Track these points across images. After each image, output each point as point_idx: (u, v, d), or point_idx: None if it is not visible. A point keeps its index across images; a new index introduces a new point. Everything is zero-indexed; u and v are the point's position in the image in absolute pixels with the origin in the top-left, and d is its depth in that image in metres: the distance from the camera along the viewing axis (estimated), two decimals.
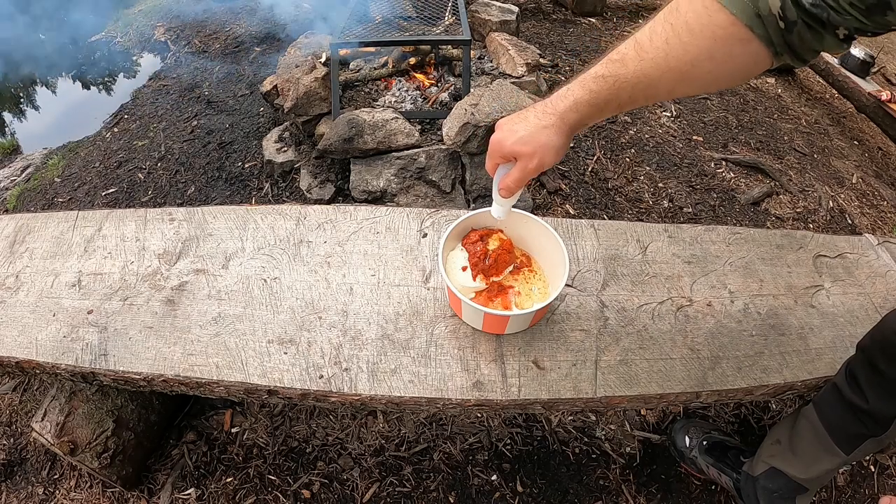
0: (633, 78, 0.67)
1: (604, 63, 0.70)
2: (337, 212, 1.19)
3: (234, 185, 2.21)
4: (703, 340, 1.00)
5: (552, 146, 0.74)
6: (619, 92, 0.68)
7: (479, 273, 0.94)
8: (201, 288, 1.06)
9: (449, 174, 1.92)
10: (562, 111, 0.72)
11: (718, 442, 1.25)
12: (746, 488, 1.10)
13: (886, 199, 2.31)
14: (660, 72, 0.65)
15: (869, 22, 0.58)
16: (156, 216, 1.20)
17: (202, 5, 3.91)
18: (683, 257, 1.13)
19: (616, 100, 0.69)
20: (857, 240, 1.23)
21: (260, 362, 0.94)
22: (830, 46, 0.62)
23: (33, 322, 1.03)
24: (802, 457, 1.01)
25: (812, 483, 1.02)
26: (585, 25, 3.54)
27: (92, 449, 1.13)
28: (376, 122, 1.88)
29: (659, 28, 0.65)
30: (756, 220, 2.07)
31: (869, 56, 2.81)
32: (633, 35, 0.68)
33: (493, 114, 1.82)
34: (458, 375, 0.93)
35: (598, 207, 2.04)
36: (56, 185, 2.41)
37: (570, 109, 0.72)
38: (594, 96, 0.70)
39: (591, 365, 0.95)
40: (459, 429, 1.38)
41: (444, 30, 2.35)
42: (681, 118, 2.59)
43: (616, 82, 0.68)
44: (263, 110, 2.62)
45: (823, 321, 1.06)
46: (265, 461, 1.32)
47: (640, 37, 0.67)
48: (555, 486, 1.29)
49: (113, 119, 2.91)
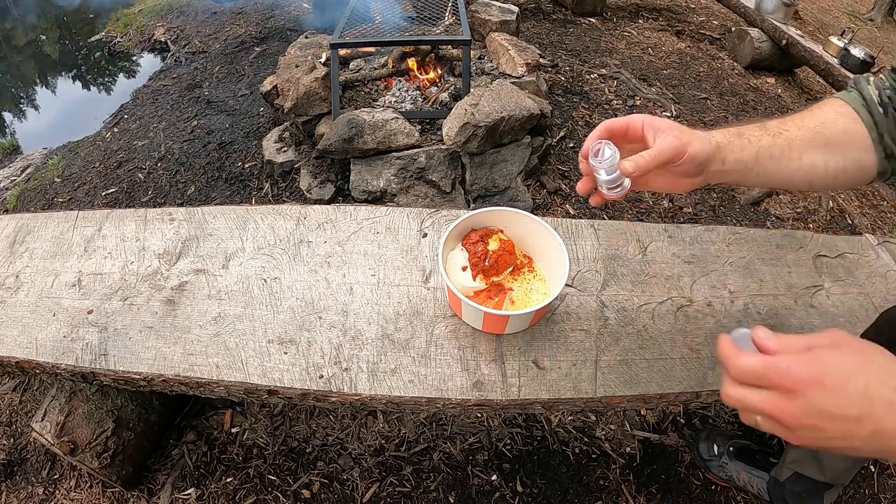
0: (774, 128, 0.73)
1: (747, 125, 0.75)
2: (337, 212, 1.19)
3: (234, 185, 2.21)
4: (703, 340, 1.00)
5: (700, 147, 0.67)
6: (761, 136, 0.72)
7: (478, 273, 0.94)
8: (201, 288, 1.06)
9: (449, 174, 1.92)
10: (713, 135, 0.71)
11: (745, 446, 1.26)
12: (776, 493, 1.14)
13: (886, 199, 2.31)
14: (796, 127, 0.73)
15: None
16: (156, 216, 1.20)
17: (202, 5, 3.91)
18: (683, 257, 1.13)
19: (757, 142, 0.71)
20: (857, 240, 1.23)
21: (260, 362, 0.94)
22: None
23: (33, 322, 1.03)
24: (821, 458, 1.04)
25: (835, 480, 1.06)
26: (585, 25, 3.54)
27: (92, 449, 1.13)
28: (376, 122, 1.88)
29: (797, 112, 0.77)
30: (756, 220, 2.07)
31: (869, 56, 2.81)
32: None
33: (493, 114, 1.82)
34: (458, 375, 0.93)
35: (597, 207, 2.04)
36: (56, 185, 2.41)
37: (719, 135, 0.71)
38: (739, 132, 0.72)
39: (591, 365, 0.95)
40: (459, 429, 1.38)
41: (444, 30, 2.35)
42: (681, 118, 2.59)
43: (761, 127, 0.73)
44: (263, 110, 2.62)
45: (823, 321, 1.06)
46: (265, 461, 1.32)
47: (783, 117, 0.76)
48: (555, 486, 1.29)
49: (113, 119, 2.91)
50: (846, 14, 4.80)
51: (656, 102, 2.66)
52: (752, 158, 0.70)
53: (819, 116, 0.75)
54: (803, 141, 0.72)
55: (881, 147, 0.73)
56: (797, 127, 0.74)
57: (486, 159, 1.94)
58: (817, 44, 3.03)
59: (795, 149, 0.72)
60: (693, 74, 3.05)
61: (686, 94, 2.81)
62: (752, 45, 3.15)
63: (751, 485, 1.20)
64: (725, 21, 3.85)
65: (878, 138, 0.73)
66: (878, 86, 0.75)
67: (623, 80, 2.81)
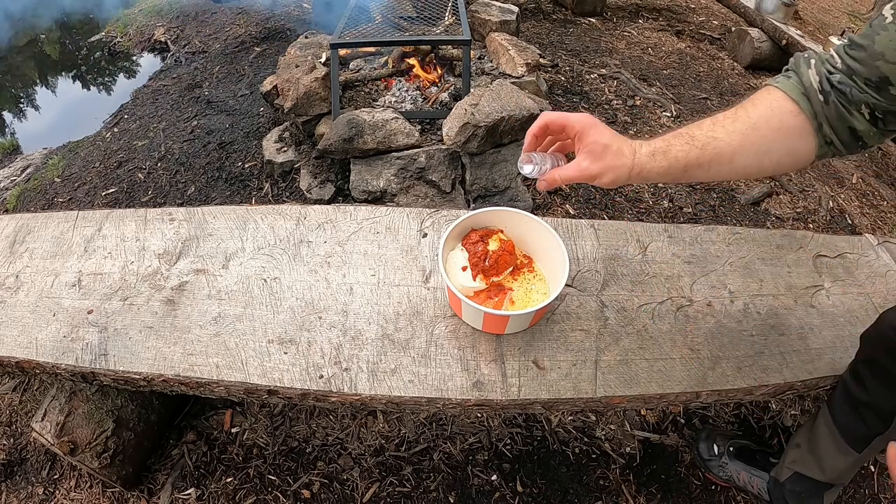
0: (703, 138, 0.74)
1: (685, 126, 0.78)
2: (337, 212, 1.19)
3: (234, 185, 2.21)
4: (703, 340, 1.00)
5: (614, 177, 0.76)
6: (689, 150, 0.74)
7: (478, 273, 0.94)
8: (201, 288, 1.06)
9: (449, 174, 1.92)
10: (640, 154, 0.76)
11: (745, 446, 1.26)
12: (776, 493, 1.13)
13: (886, 199, 2.31)
14: (727, 133, 0.74)
15: (882, 99, 0.67)
16: (156, 216, 1.20)
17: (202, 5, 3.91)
18: (683, 257, 1.13)
19: (685, 157, 0.74)
20: (857, 240, 1.23)
21: (260, 362, 0.94)
22: (863, 124, 0.70)
23: (33, 322, 1.03)
24: (822, 459, 1.04)
25: (836, 480, 1.06)
26: (585, 25, 3.54)
27: (92, 449, 1.13)
28: (376, 122, 1.88)
29: (733, 108, 0.77)
30: (756, 220, 2.07)
31: None
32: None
33: (493, 114, 1.82)
34: (458, 375, 0.93)
35: (597, 207, 2.04)
36: (56, 185, 2.41)
37: (646, 155, 0.75)
38: (668, 147, 0.75)
39: (591, 365, 0.95)
40: (459, 429, 1.38)
41: (444, 30, 2.35)
42: (681, 118, 2.59)
43: (690, 140, 0.75)
44: (263, 110, 2.62)
45: (823, 321, 1.06)
46: (265, 461, 1.32)
47: (717, 114, 0.77)
48: (555, 486, 1.29)
49: (113, 119, 2.91)
50: (846, 14, 4.80)
51: (656, 102, 2.66)
52: (679, 170, 0.75)
53: (753, 115, 0.74)
54: (733, 147, 0.74)
55: (820, 135, 0.73)
56: (727, 133, 0.74)
57: (486, 159, 1.94)
58: (817, 44, 3.03)
59: (725, 156, 0.74)
60: (693, 74, 3.05)
61: (686, 94, 2.81)
62: (752, 45, 3.15)
63: (751, 485, 1.20)
64: (725, 21, 3.85)
65: (817, 127, 0.72)
66: (820, 70, 0.72)
67: (623, 80, 2.81)
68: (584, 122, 0.76)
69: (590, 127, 0.76)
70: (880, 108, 0.68)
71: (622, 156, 0.75)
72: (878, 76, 0.66)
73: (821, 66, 0.72)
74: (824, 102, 0.71)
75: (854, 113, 0.70)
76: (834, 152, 0.74)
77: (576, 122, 0.77)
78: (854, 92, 0.68)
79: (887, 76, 0.65)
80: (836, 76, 0.70)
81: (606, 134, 0.75)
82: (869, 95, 0.67)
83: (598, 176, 0.76)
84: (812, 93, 0.72)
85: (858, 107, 0.69)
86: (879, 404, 0.91)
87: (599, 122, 0.77)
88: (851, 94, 0.68)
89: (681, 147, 0.75)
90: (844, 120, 0.70)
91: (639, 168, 0.75)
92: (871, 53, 0.66)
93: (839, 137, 0.72)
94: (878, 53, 0.65)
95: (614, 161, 0.74)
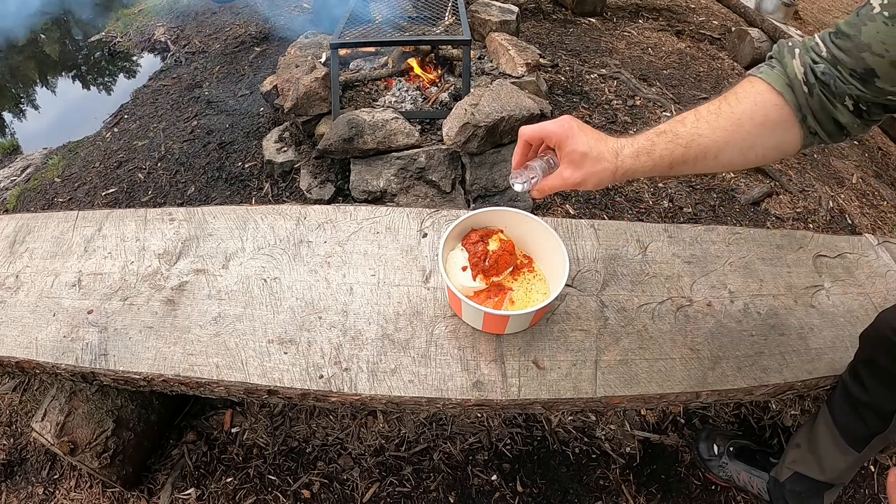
0: (687, 135, 0.74)
1: (668, 122, 0.78)
2: (337, 212, 1.19)
3: (234, 185, 2.21)
4: (703, 340, 1.00)
5: (597, 181, 0.77)
6: (673, 148, 0.74)
7: (478, 273, 0.94)
8: (201, 288, 1.06)
9: (449, 174, 1.92)
10: (624, 156, 0.76)
11: (745, 446, 1.25)
12: (776, 493, 1.13)
13: (886, 199, 2.31)
14: (711, 129, 0.74)
15: (867, 90, 0.66)
16: (156, 216, 1.20)
17: (202, 5, 3.91)
18: (683, 257, 1.13)
19: (670, 156, 0.75)
20: (857, 240, 1.23)
21: (260, 362, 0.94)
22: (846, 117, 0.69)
23: (33, 322, 1.03)
24: (822, 458, 1.04)
25: (836, 480, 1.05)
26: (585, 25, 3.54)
27: (92, 449, 1.13)
28: (376, 122, 1.88)
29: (716, 100, 0.77)
30: (756, 220, 2.07)
31: None
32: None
33: (493, 114, 1.82)
34: (458, 375, 0.93)
35: (597, 207, 2.04)
36: (56, 185, 2.41)
37: (629, 156, 0.76)
38: (652, 146, 0.75)
39: (591, 365, 0.95)
40: (459, 429, 1.38)
41: (444, 30, 2.35)
42: None
43: (674, 138, 0.75)
44: (263, 110, 2.61)
45: (823, 321, 1.06)
46: (265, 461, 1.32)
47: (699, 107, 0.77)
48: (555, 486, 1.29)
49: (113, 119, 2.91)
50: (846, 14, 4.80)
51: (656, 102, 2.66)
52: (665, 167, 0.76)
53: (737, 110, 0.73)
54: (717, 144, 0.74)
55: (805, 126, 0.72)
56: (711, 129, 0.74)
57: (486, 159, 1.94)
58: None
59: (710, 153, 0.75)
60: (693, 74, 3.05)
61: (686, 94, 2.81)
62: (752, 45, 3.15)
63: (751, 485, 1.20)
64: (725, 21, 3.85)
65: (802, 119, 0.72)
66: (805, 60, 0.71)
67: (623, 80, 2.81)
68: (560, 132, 0.77)
69: (566, 137, 0.76)
70: (865, 100, 0.67)
71: (602, 160, 0.75)
72: (863, 68, 0.65)
73: (805, 55, 0.71)
74: (809, 94, 0.70)
75: (838, 105, 0.69)
76: (819, 142, 0.74)
77: (552, 132, 0.77)
78: (838, 83, 0.67)
79: (873, 68, 0.64)
80: (821, 66, 0.69)
81: (583, 141, 0.76)
82: (853, 87, 0.67)
83: (581, 183, 0.77)
84: (797, 84, 0.71)
85: (842, 99, 0.68)
86: (879, 404, 0.91)
87: (576, 127, 0.77)
88: (836, 85, 0.68)
89: (665, 146, 0.75)
90: (828, 112, 0.70)
91: (623, 169, 0.76)
92: (857, 44, 0.64)
93: (823, 129, 0.72)
94: (864, 45, 0.64)
95: (594, 167, 0.75)
